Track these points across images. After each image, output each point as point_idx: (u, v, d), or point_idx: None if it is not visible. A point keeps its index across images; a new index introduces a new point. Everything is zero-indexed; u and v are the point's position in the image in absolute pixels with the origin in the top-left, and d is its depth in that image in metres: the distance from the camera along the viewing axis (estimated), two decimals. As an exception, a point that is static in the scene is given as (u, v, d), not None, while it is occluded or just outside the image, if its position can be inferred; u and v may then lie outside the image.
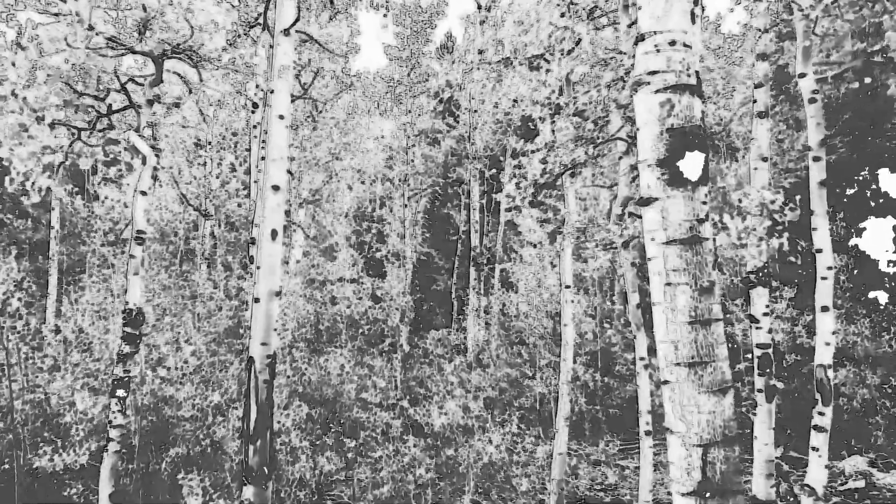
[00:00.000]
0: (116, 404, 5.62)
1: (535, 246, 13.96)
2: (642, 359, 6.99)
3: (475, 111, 23.01)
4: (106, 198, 16.79)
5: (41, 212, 21.87)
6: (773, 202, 5.71)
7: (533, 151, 6.76)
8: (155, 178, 23.38)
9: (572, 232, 7.62)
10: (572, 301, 7.94)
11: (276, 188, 7.45)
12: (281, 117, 7.64)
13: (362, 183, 29.14)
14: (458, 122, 26.70)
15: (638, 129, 3.25)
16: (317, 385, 14.13)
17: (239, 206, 23.17)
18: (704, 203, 3.12)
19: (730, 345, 13.50)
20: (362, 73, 19.86)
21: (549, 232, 14.16)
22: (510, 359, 16.19)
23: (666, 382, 3.09)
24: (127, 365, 5.81)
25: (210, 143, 23.78)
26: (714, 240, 4.01)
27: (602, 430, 13.70)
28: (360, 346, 15.94)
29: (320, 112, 19.68)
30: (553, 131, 6.47)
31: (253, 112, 19.42)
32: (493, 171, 21.88)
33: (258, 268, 7.46)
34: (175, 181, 18.74)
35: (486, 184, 25.66)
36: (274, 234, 7.47)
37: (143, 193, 6.22)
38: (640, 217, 6.83)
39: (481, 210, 25.20)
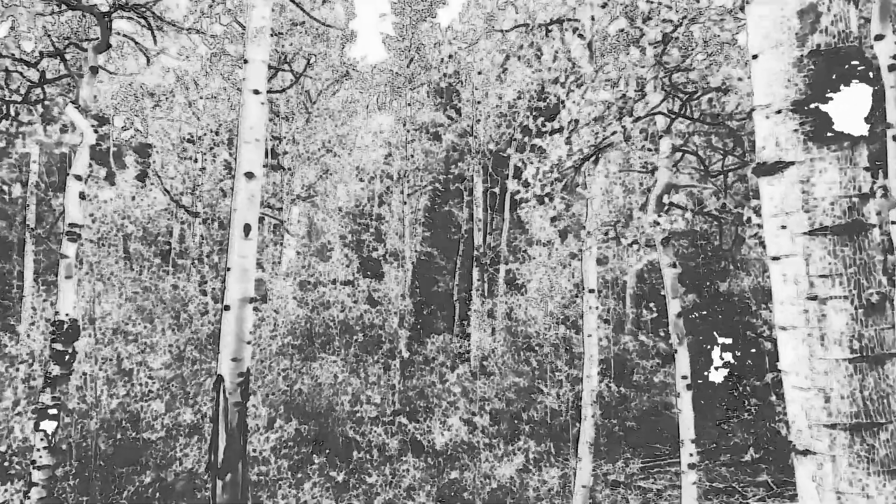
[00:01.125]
0: (42, 440, 4.55)
1: (545, 245, 12.86)
2: (685, 377, 5.89)
3: (478, 102, 21.90)
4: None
5: (16, 209, 20.81)
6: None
7: (555, 131, 5.66)
8: (146, 174, 22.30)
9: (599, 228, 6.53)
10: (597, 308, 6.86)
11: (249, 175, 6.36)
12: (256, 92, 6.56)
13: (361, 181, 28.07)
14: (460, 115, 25.63)
15: (754, 58, 2.13)
16: (307, 396, 13.04)
17: None
18: (868, 169, 2.00)
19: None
20: (359, 61, 18.77)
21: (561, 229, 13.03)
22: (518, 367, 15.09)
23: (807, 453, 1.98)
24: (56, 390, 4.73)
25: (201, 138, 22.69)
26: (882, 227, 2.89)
27: (620, 446, 12.60)
28: (356, 353, 14.87)
29: (314, 103, 18.59)
30: (579, 105, 5.36)
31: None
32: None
33: (228, 269, 6.37)
34: (158, 176, 17.67)
35: (489, 179, 24.56)
36: (247, 229, 6.38)
37: (78, 178, 5.14)
38: (681, 208, 5.73)
39: (485, 207, 24.09)
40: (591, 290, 6.82)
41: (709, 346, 17.14)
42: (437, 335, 17.80)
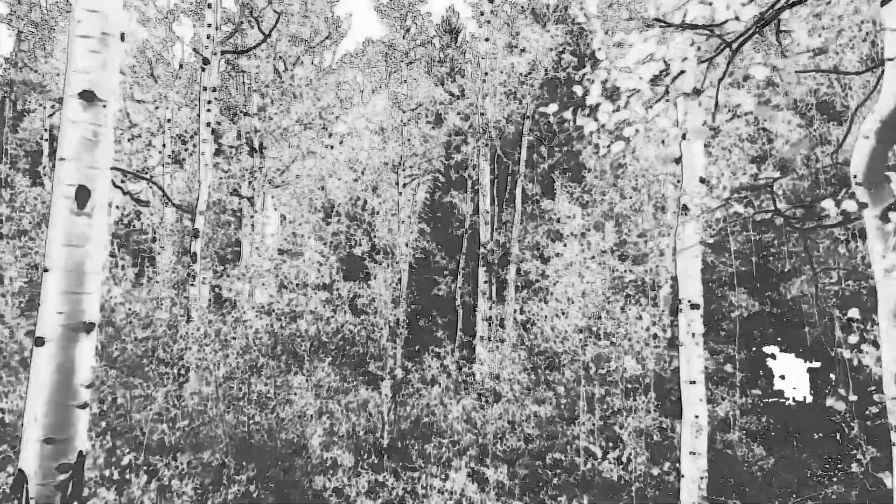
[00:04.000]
0: None
1: (580, 236, 10.03)
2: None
3: (486, 74, 19.04)
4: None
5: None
6: None
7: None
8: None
9: (712, 196, 3.69)
10: (701, 335, 4.01)
11: (87, 98, 3.55)
12: (104, -53, 3.74)
13: (353, 170, 25.25)
14: (463, 95, 22.85)
15: None
16: (269, 433, 10.26)
17: (219, 202, 19.37)
18: None
19: None
20: (342, 20, 15.95)
21: (596, 220, 10.20)
22: (537, 390, 12.26)
23: None
24: None
25: (169, 121, 19.95)
26: None
27: (677, 501, 9.75)
28: (338, 370, 12.07)
29: (292, 71, 15.66)
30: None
31: (203, 69, 15.57)
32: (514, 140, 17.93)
33: (45, 271, 3.56)
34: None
35: (497, 166, 21.71)
36: (82, 196, 3.55)
37: None
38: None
39: (492, 198, 21.26)
40: (695, 306, 3.96)
41: (769, 360, 14.31)
42: (437, 347, 14.98)
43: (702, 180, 4.43)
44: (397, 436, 12.08)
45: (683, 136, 2.51)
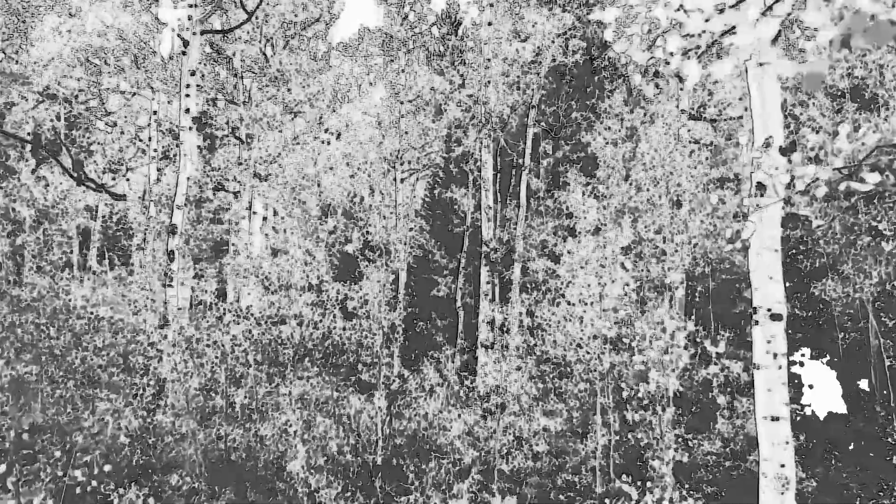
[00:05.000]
0: None
1: (591, 232, 8.92)
2: None
3: (488, 60, 17.98)
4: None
5: None
6: None
7: None
8: (82, 164, 18.60)
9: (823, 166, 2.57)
10: (783, 355, 2.97)
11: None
12: None
13: (347, 165, 24.21)
14: (464, 85, 21.83)
15: None
16: (248, 451, 9.25)
17: (201, 197, 18.43)
18: None
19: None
20: (335, 1, 14.91)
21: (616, 211, 9.06)
22: (546, 402, 11.24)
23: None
24: None
25: (156, 112, 18.92)
26: None
27: (707, 532, 8.71)
28: (327, 379, 11.05)
29: (280, 56, 14.59)
30: None
31: (184, 53, 14.58)
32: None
33: None
34: (66, 146, 13.86)
35: (502, 159, 20.66)
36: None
37: None
38: None
39: (495, 195, 20.21)
40: (776, 316, 2.91)
41: (801, 364, 13.27)
42: (436, 351, 13.93)
43: (781, 151, 3.42)
44: (392, 453, 11.04)
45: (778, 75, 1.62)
